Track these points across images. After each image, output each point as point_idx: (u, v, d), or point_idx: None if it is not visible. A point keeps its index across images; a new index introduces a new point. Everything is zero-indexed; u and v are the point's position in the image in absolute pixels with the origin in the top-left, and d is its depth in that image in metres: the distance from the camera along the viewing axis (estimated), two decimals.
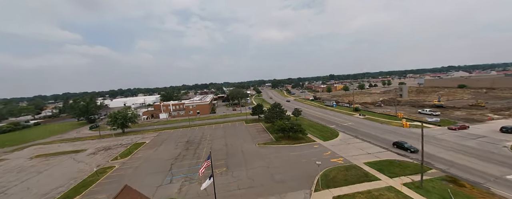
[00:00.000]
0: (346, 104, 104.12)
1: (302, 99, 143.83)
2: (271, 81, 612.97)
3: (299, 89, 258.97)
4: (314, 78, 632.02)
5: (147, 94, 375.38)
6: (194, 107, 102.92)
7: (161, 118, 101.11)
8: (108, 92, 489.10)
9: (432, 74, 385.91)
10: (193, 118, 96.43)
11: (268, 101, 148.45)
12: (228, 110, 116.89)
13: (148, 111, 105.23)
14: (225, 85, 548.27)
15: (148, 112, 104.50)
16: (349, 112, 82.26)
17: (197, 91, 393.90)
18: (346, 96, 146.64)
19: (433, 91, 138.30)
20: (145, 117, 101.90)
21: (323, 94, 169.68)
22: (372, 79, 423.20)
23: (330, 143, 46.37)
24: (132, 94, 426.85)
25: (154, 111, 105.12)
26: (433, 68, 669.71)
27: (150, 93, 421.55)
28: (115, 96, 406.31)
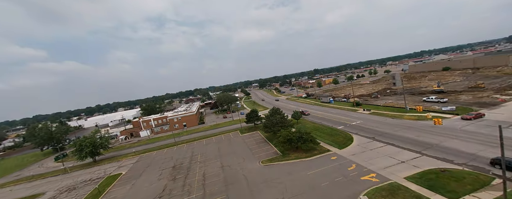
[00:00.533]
0: (343, 98, 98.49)
1: (295, 97, 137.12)
2: (257, 81, 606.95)
3: (287, 87, 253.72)
4: (299, 74, 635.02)
5: (128, 108, 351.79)
6: (179, 120, 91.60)
7: (143, 136, 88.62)
8: (84, 110, 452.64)
9: (411, 60, 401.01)
10: (179, 132, 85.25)
11: (261, 103, 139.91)
12: (218, 118, 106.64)
13: (126, 130, 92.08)
14: (211, 90, 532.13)
15: (126, 131, 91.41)
16: (350, 108, 76.02)
17: (182, 99, 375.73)
18: (338, 90, 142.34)
19: (422, 76, 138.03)
20: (123, 137, 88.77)
21: (314, 90, 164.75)
22: (355, 70, 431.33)
23: (349, 151, 38.68)
24: (112, 110, 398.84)
25: (134, 129, 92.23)
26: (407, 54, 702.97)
27: (131, 106, 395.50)
28: (92, 114, 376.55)
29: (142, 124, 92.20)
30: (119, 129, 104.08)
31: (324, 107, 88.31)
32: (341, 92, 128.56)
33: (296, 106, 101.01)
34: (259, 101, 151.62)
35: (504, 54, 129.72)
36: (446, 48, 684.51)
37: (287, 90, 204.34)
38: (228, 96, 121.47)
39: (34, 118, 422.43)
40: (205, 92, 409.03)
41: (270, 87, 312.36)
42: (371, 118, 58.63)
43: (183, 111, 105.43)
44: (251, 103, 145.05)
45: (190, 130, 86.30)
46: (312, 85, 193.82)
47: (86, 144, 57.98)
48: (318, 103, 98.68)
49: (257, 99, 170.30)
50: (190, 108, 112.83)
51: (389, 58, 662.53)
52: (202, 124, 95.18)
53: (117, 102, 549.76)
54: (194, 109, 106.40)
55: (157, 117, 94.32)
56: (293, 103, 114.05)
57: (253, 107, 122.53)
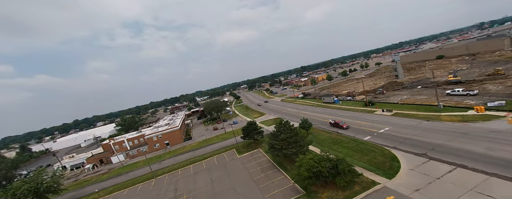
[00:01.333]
0: (348, 97, 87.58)
1: (291, 98, 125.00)
2: (245, 82, 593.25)
3: (278, 86, 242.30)
4: (286, 73, 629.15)
5: (108, 122, 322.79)
6: (160, 138, 75.62)
7: (115, 163, 71.68)
8: (60, 127, 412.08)
9: (393, 51, 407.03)
10: (160, 154, 69.48)
11: (255, 108, 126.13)
12: (207, 129, 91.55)
13: (93, 157, 74.42)
14: (198, 95, 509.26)
15: (94, 158, 73.83)
16: (364, 108, 64.69)
17: (168, 107, 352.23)
18: (334, 87, 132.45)
19: (420, 66, 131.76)
20: (89, 166, 71.20)
21: (308, 88, 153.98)
22: (342, 64, 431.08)
23: (405, 182, 26.26)
24: (90, 125, 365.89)
25: (103, 154, 74.86)
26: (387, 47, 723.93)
27: (111, 119, 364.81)
28: (68, 131, 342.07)
29: (113, 146, 75.12)
30: (95, 150, 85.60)
31: (330, 108, 76.56)
32: (340, 89, 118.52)
33: (296, 109, 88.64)
34: (252, 106, 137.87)
35: (499, 38, 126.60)
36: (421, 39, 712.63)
37: (279, 91, 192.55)
38: (217, 102, 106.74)
39: (2, 141, 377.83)
40: (191, 98, 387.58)
41: (260, 88, 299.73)
42: (399, 121, 47.23)
43: (165, 125, 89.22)
44: (244, 108, 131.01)
45: (174, 149, 70.76)
46: (305, 83, 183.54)
47: (23, 192, 41.08)
48: (320, 104, 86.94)
49: (249, 103, 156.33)
50: (173, 121, 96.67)
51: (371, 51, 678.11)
52: (189, 140, 79.83)
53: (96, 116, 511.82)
54: (178, 121, 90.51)
55: (132, 137, 77.62)
56: (291, 106, 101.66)
57: (246, 112, 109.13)
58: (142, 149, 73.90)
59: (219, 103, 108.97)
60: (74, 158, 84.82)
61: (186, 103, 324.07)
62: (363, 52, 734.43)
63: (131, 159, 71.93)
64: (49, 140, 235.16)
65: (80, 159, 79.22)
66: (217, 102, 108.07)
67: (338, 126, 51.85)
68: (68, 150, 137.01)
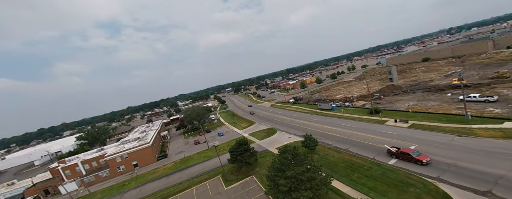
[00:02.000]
0: (346, 102, 79.52)
1: (282, 104, 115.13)
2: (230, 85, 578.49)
3: (265, 90, 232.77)
4: (272, 75, 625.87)
5: (76, 130, 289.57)
6: (125, 159, 60.75)
7: (64, 194, 55.57)
8: (20, 138, 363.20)
9: (374, 54, 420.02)
10: (124, 180, 54.98)
11: (242, 114, 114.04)
12: (187, 144, 77.82)
13: (35, 187, 57.24)
14: (181, 98, 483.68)
15: (37, 188, 56.77)
16: (370, 118, 56.18)
17: (146, 113, 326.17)
18: (325, 91, 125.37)
19: (410, 68, 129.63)
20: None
21: (298, 92, 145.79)
22: (326, 67, 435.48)
23: None
24: (56, 135, 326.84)
25: (49, 183, 58.11)
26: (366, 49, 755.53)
27: (81, 128, 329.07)
28: (29, 143, 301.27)
29: (62, 172, 58.79)
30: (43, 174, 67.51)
31: (329, 116, 67.40)
32: (332, 93, 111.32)
33: (289, 117, 78.49)
34: (239, 112, 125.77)
35: (482, 40, 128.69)
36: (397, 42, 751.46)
37: (266, 94, 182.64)
38: (198, 109, 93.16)
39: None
40: (173, 103, 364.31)
41: (246, 92, 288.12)
42: (423, 136, 38.67)
43: (134, 140, 74.03)
44: (230, 115, 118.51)
45: (144, 173, 56.54)
46: (294, 86, 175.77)
47: None
48: (317, 111, 77.77)
49: (235, 109, 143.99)
50: (146, 134, 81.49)
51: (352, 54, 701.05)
52: (164, 158, 65.81)
53: (65, 123, 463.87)
54: (151, 135, 75.78)
55: (88, 158, 61.76)
56: (283, 112, 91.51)
57: (233, 121, 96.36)
58: (102, 173, 58.50)
59: (201, 110, 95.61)
60: (13, 185, 66.45)
61: (167, 108, 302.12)
62: (344, 55, 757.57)
63: (87, 188, 56.25)
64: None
65: (21, 189, 61.37)
66: (199, 109, 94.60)
67: (410, 158, 31.05)
68: (18, 170, 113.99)
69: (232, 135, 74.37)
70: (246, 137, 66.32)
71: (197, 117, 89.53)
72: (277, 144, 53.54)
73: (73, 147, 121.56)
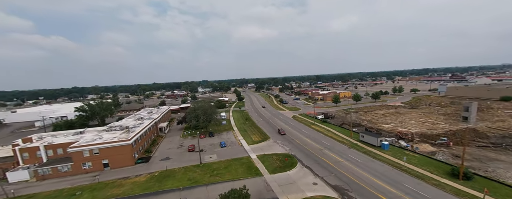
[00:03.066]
0: (401, 140, 56.65)
1: (307, 118, 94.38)
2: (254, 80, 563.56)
3: (289, 94, 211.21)
4: (299, 78, 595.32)
5: (98, 97, 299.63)
6: (96, 155, 46.95)
7: (12, 182, 43.65)
8: (51, 91, 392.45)
9: (423, 77, 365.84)
10: (85, 183, 41.04)
11: (257, 120, 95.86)
12: (181, 147, 62.37)
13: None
14: (203, 84, 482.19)
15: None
16: (451, 184, 33.88)
17: (165, 92, 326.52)
18: (364, 112, 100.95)
19: (487, 107, 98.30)
20: None
21: (328, 106, 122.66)
22: (361, 81, 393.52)
23: None
24: (81, 96, 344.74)
25: (2, 163, 46.80)
26: (411, 70, 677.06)
27: (104, 94, 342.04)
28: (56, 98, 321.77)
29: (20, 154, 47.03)
30: None
31: (379, 160, 45.79)
32: (374, 119, 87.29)
33: (317, 143, 58.13)
34: (255, 116, 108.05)
35: None
36: (449, 69, 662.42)
37: (290, 100, 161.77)
38: (206, 107, 77.11)
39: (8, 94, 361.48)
40: (194, 88, 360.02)
41: (268, 92, 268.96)
42: None
43: (122, 129, 60.56)
44: (243, 118, 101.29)
45: (107, 182, 41.95)
46: (324, 97, 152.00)
47: None
48: (357, 144, 56.22)
49: (251, 110, 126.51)
50: (140, 123, 67.86)
51: (393, 72, 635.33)
52: (144, 163, 50.97)
53: (96, 87, 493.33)
54: (141, 128, 61.64)
55: (53, 143, 49.26)
56: (307, 132, 71.25)
57: (244, 128, 74.70)
58: (62, 167, 45.48)
59: (210, 107, 79.62)
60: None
61: (186, 92, 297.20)
62: (383, 71, 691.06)
63: (40, 181, 43.67)
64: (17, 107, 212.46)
65: None
66: (207, 106, 78.57)
67: None
68: (18, 127, 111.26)
69: (237, 149, 56.91)
70: (253, 161, 48.30)
71: (203, 114, 73.63)
72: (294, 191, 34.69)
73: (73, 117, 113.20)
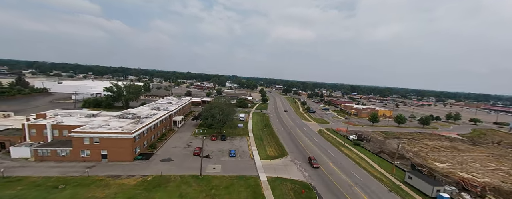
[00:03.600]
0: (464, 193, 41.35)
1: (335, 137, 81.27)
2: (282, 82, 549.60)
3: (318, 102, 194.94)
4: (330, 86, 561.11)
5: (136, 79, 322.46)
6: (95, 144, 43.45)
7: (14, 156, 42.63)
8: (99, 68, 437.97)
9: (486, 106, 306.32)
10: (74, 175, 37.37)
11: (277, 128, 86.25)
12: (188, 146, 56.67)
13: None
14: (232, 79, 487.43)
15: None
16: None
17: (194, 82, 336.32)
18: (409, 141, 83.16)
19: None
20: None
21: (362, 124, 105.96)
22: (404, 99, 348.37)
23: None
24: (124, 75, 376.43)
25: (12, 136, 46.49)
26: (467, 94, 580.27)
27: (141, 77, 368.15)
28: (102, 75, 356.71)
29: (28, 129, 46.12)
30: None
31: None
32: (422, 151, 69.98)
33: (347, 175, 46.32)
34: (276, 122, 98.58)
35: None
36: None
37: (317, 110, 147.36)
38: (224, 107, 70.26)
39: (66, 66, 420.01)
40: (222, 82, 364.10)
41: (295, 96, 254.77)
42: None
43: (133, 118, 57.24)
44: (262, 123, 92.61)
45: (95, 179, 37.59)
46: (358, 113, 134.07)
47: None
48: (401, 188, 42.83)
49: (273, 116, 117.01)
50: (154, 114, 64.34)
51: (443, 93, 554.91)
52: (143, 160, 46.14)
53: (139, 69, 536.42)
54: (154, 119, 57.57)
55: (60, 124, 47.42)
56: (335, 155, 59.28)
57: (260, 136, 63.28)
58: (61, 151, 42.99)
59: (229, 107, 72.76)
60: (7, 118, 60.20)
61: (214, 85, 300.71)
62: (432, 91, 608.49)
63: (36, 162, 41.79)
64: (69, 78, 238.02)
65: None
66: (225, 106, 71.54)
67: None
68: (58, 98, 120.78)
69: (246, 163, 48.58)
70: (261, 185, 39.34)
71: (219, 114, 67.06)
72: None
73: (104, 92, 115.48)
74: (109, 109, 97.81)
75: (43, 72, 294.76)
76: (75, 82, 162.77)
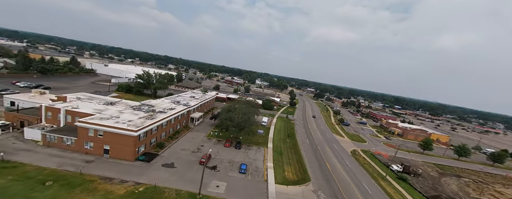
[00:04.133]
0: None
1: (374, 163, 66.62)
2: (315, 84, 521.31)
3: (354, 113, 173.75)
4: (370, 95, 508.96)
5: (174, 68, 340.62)
6: (100, 137, 40.33)
7: (27, 137, 42.35)
8: (151, 55, 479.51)
9: None
10: (69, 170, 34.37)
11: (302, 141, 75.38)
12: (195, 152, 50.82)
13: (17, 113, 47.28)
14: (263, 77, 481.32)
15: (15, 116, 46.59)
16: None
17: (225, 76, 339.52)
18: (474, 185, 63.29)
19: None
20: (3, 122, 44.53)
21: (407, 147, 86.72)
22: (463, 121, 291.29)
23: None
24: (165, 63, 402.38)
25: (32, 118, 46.75)
26: None
27: (181, 66, 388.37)
28: (147, 62, 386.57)
29: (45, 112, 45.76)
30: None
31: None
32: None
33: None
34: (301, 132, 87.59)
35: None
36: None
37: (353, 122, 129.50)
38: (246, 111, 62.37)
39: (110, 48, 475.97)
40: (252, 78, 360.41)
41: (327, 103, 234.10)
42: None
43: (148, 111, 53.89)
44: (286, 133, 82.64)
45: (87, 179, 33.80)
46: (403, 133, 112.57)
47: None
48: None
49: (300, 123, 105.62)
50: (172, 108, 60.57)
51: None
52: (144, 162, 41.59)
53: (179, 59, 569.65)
54: (169, 115, 53.40)
55: (74, 110, 45.85)
56: (371, 188, 46.55)
57: (280, 150, 51.86)
58: (67, 140, 41.08)
59: (250, 112, 64.89)
60: (43, 95, 63.21)
61: (243, 82, 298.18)
62: (501, 115, 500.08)
63: (43, 148, 40.63)
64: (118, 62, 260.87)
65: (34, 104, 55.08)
66: (247, 111, 63.75)
67: None
68: (100, 79, 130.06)
69: (257, 186, 40.07)
70: None
71: (239, 116, 59.68)
72: None
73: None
74: (139, 95, 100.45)
75: (100, 55, 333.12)
76: (120, 66, 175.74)
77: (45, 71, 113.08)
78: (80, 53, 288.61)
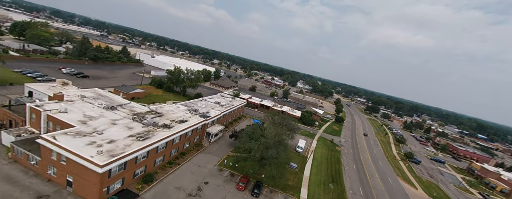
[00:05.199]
0: None
1: None
2: (366, 93, 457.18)
3: (423, 142, 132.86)
4: (438, 113, 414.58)
5: (218, 63, 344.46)
6: (63, 163, 28.96)
7: (5, 143, 34.59)
8: (202, 49, 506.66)
9: None
10: None
11: (352, 187, 52.53)
12: (201, 186, 35.60)
13: (4, 111, 40.76)
14: (306, 79, 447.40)
15: (5, 113, 40.08)
16: None
17: (265, 76, 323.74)
18: None
19: None
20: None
21: None
22: None
23: None
24: (211, 58, 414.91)
25: (15, 115, 39.64)
26: None
27: (225, 61, 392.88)
28: (195, 55, 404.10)
29: (29, 113, 37.68)
30: None
31: None
32: None
33: None
34: (350, 167, 64.06)
35: None
36: None
37: (423, 156, 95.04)
38: (271, 144, 43.64)
39: (169, 40, 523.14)
40: (293, 80, 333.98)
41: (383, 120, 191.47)
42: None
43: (151, 124, 41.62)
44: (328, 168, 60.64)
45: None
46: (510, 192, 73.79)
47: None
48: None
49: (349, 151, 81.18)
50: (185, 119, 47.52)
51: None
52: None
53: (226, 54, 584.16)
54: (180, 128, 40.14)
55: (54, 117, 36.18)
56: None
57: (320, 192, 37.50)
58: (32, 158, 31.30)
59: (281, 137, 46.27)
60: (65, 86, 59.39)
61: (283, 84, 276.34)
62: None
63: (9, 162, 31.92)
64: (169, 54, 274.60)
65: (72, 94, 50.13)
66: (273, 143, 44.85)
67: None
68: (146, 70, 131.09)
69: None
70: None
71: (261, 149, 41.91)
72: None
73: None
74: (168, 92, 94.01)
75: (158, 47, 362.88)
76: (166, 58, 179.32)
77: (96, 59, 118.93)
78: (142, 43, 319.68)
